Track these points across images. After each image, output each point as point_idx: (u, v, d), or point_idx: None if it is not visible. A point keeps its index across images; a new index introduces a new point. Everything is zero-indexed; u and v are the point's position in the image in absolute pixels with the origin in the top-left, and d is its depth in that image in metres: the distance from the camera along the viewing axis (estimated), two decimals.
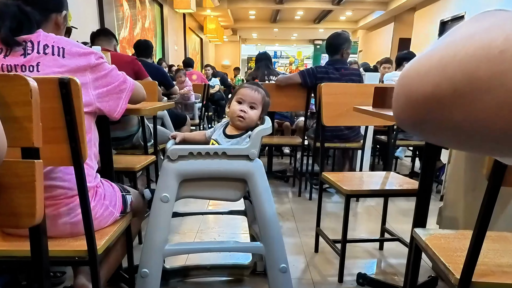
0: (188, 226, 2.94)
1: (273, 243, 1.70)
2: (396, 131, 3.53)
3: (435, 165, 2.12)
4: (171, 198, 1.60)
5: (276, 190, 4.01)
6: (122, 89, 1.55)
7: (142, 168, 2.57)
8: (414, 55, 5.17)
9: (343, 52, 3.64)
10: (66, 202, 1.43)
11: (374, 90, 1.88)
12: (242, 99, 1.79)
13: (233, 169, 1.62)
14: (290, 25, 19.53)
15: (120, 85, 1.54)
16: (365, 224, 3.15)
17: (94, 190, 1.52)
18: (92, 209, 1.41)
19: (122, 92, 1.55)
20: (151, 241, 1.64)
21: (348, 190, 2.10)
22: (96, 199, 1.51)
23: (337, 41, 3.65)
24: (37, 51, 1.35)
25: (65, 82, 1.16)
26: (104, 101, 1.49)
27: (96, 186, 1.54)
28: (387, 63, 6.63)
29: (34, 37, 1.37)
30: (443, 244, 1.34)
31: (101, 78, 1.47)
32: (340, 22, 18.64)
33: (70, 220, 1.44)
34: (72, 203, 1.43)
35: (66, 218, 1.43)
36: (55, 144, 1.21)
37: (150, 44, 4.83)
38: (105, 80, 1.48)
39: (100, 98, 1.47)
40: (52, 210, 1.41)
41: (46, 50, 1.36)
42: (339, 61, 3.63)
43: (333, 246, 2.33)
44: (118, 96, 1.53)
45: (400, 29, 13.92)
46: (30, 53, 1.34)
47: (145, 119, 3.02)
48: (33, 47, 1.35)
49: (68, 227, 1.44)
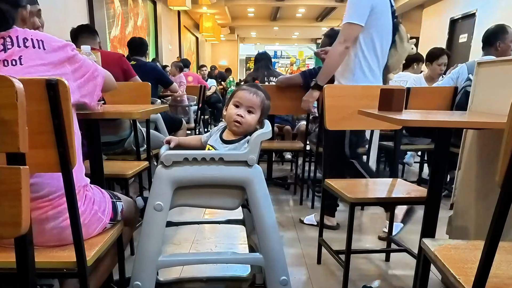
0: (183, 236, 2.93)
1: (273, 254, 1.70)
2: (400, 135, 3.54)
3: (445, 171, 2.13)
4: (165, 206, 1.60)
5: (276, 198, 4.01)
6: (95, 76, 1.63)
7: (134, 175, 2.57)
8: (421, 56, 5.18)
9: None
10: (54, 204, 1.43)
11: (380, 92, 1.89)
12: (240, 103, 1.78)
13: (231, 176, 1.62)
14: (291, 23, 19.57)
15: (94, 73, 1.62)
16: (370, 234, 3.15)
17: (83, 193, 1.53)
18: (81, 214, 1.42)
19: (96, 78, 1.64)
20: (144, 252, 1.63)
21: (353, 198, 2.10)
22: (86, 203, 1.52)
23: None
24: (17, 45, 1.40)
25: (53, 83, 1.16)
26: (83, 91, 1.56)
27: (85, 188, 1.55)
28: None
29: (12, 32, 1.42)
30: (453, 255, 1.34)
31: (78, 69, 1.54)
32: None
33: (58, 224, 1.44)
34: (60, 206, 1.43)
35: (53, 222, 1.44)
36: (42, 149, 1.21)
37: (145, 41, 4.84)
38: (81, 70, 1.56)
39: (80, 88, 1.54)
40: (39, 214, 1.41)
41: (26, 43, 1.41)
42: None
43: (336, 257, 2.33)
44: (93, 83, 1.62)
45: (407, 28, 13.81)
46: (10, 48, 1.39)
47: (138, 122, 3.02)
48: (12, 42, 1.40)
49: (55, 233, 1.45)
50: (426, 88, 4.21)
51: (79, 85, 1.53)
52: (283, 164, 5.58)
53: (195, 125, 6.10)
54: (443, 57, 4.44)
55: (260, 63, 5.11)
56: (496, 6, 8.14)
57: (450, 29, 10.19)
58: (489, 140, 1.96)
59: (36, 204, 1.40)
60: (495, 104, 1.95)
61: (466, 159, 2.13)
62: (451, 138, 1.75)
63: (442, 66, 4.45)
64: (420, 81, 4.55)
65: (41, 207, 1.42)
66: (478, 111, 2.08)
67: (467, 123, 1.76)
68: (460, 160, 2.19)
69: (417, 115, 1.84)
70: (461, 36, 9.64)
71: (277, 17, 18.13)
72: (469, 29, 9.07)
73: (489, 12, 8.41)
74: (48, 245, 1.46)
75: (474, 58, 7.47)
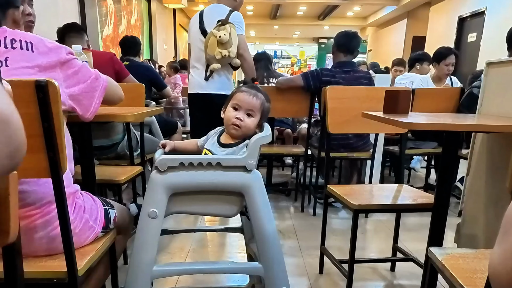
0: (178, 245, 2.93)
1: (273, 263, 1.69)
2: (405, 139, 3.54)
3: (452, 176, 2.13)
4: (159, 213, 1.60)
5: (276, 205, 4.01)
6: (94, 86, 1.58)
7: (128, 181, 2.57)
8: (429, 56, 5.18)
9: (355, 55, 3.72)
10: (42, 212, 1.42)
11: (385, 93, 1.89)
12: (238, 105, 1.78)
13: (229, 182, 1.62)
14: (292, 21, 19.60)
15: (93, 83, 1.58)
16: (375, 243, 3.15)
17: (73, 201, 1.52)
18: (71, 222, 1.41)
19: (95, 90, 1.59)
20: (138, 261, 1.63)
21: (356, 204, 2.10)
22: (76, 211, 1.51)
23: (354, 42, 3.69)
24: (4, 46, 1.39)
25: (42, 85, 1.16)
26: (76, 100, 1.52)
27: (75, 195, 1.54)
28: (399, 65, 6.63)
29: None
30: (461, 265, 1.34)
31: (72, 76, 1.51)
32: (347, 19, 18.72)
33: (47, 234, 1.43)
34: (49, 215, 1.43)
35: (42, 232, 1.43)
36: (31, 154, 1.19)
37: (138, 40, 4.84)
38: (76, 78, 1.52)
39: (72, 96, 1.51)
40: (27, 223, 1.40)
41: (13, 44, 1.40)
42: (348, 63, 3.65)
43: (339, 266, 2.33)
44: (91, 95, 1.57)
45: (414, 26, 14.00)
46: None
47: (131, 126, 3.02)
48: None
49: (44, 242, 1.44)
50: (431, 89, 4.19)
51: (71, 94, 1.50)
52: (283, 169, 5.58)
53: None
54: (450, 57, 4.42)
55: (260, 63, 5.11)
56: (507, 3, 8.15)
57: (458, 27, 10.22)
58: (499, 144, 1.97)
59: (23, 212, 1.39)
60: (506, 106, 1.95)
61: (475, 164, 2.13)
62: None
63: (450, 66, 4.43)
64: (427, 82, 4.52)
65: (28, 216, 1.41)
66: (488, 114, 2.09)
67: (476, 126, 1.77)
68: (468, 165, 2.19)
69: (423, 118, 1.85)
70: (470, 35, 9.67)
71: (277, 15, 18.16)
72: (478, 27, 9.10)
73: (499, 10, 8.43)
74: (38, 255, 1.46)
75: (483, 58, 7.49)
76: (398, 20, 15.26)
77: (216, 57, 3.41)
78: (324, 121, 2.55)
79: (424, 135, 3.92)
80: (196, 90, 3.65)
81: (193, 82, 3.68)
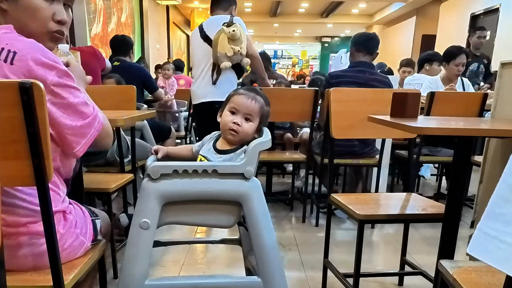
0: (172, 257, 2.93)
1: (273, 277, 1.69)
2: (419, 145, 3.54)
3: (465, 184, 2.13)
4: (152, 224, 1.60)
5: (276, 215, 4.01)
6: (90, 125, 1.44)
7: (118, 189, 2.57)
8: (439, 56, 5.18)
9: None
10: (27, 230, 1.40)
11: (393, 96, 1.90)
12: (236, 109, 1.78)
13: (226, 190, 1.62)
14: (293, 19, 19.65)
15: (92, 123, 1.44)
16: (381, 255, 3.15)
17: (61, 216, 1.50)
18: (60, 238, 1.40)
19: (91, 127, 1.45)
20: (129, 275, 1.63)
21: (362, 215, 2.09)
22: (66, 227, 1.49)
23: (372, 42, 3.78)
24: None
25: (27, 87, 1.15)
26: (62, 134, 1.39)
27: (65, 211, 1.52)
28: (407, 66, 6.64)
29: None
30: (474, 279, 1.34)
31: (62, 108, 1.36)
32: (352, 16, 18.77)
33: (32, 251, 1.41)
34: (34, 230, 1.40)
35: (27, 248, 1.41)
36: (15, 161, 1.20)
37: (129, 40, 4.86)
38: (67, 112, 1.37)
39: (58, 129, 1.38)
40: (11, 239, 1.38)
41: None
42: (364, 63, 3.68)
43: (344, 281, 2.32)
44: (82, 133, 1.42)
45: (423, 24, 14.04)
46: None
47: (122, 130, 3.02)
48: None
49: (30, 260, 1.42)
50: (453, 93, 4.14)
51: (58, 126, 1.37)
52: (284, 177, 5.57)
53: (186, 133, 6.10)
54: (461, 57, 4.39)
55: None
56: None
57: (470, 25, 10.24)
58: None
59: (6, 228, 1.34)
60: None
61: (489, 172, 2.13)
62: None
63: (460, 67, 4.41)
64: (437, 83, 4.51)
65: (13, 233, 1.38)
66: (502, 118, 2.09)
67: (490, 131, 1.77)
68: (482, 172, 2.19)
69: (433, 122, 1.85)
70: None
71: (277, 13, 18.18)
72: (492, 25, 9.11)
73: None
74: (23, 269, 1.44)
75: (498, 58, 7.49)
76: (406, 17, 15.29)
77: (227, 54, 3.45)
78: (327, 125, 2.55)
79: (434, 140, 3.91)
80: (201, 100, 3.73)
81: (197, 93, 3.77)
